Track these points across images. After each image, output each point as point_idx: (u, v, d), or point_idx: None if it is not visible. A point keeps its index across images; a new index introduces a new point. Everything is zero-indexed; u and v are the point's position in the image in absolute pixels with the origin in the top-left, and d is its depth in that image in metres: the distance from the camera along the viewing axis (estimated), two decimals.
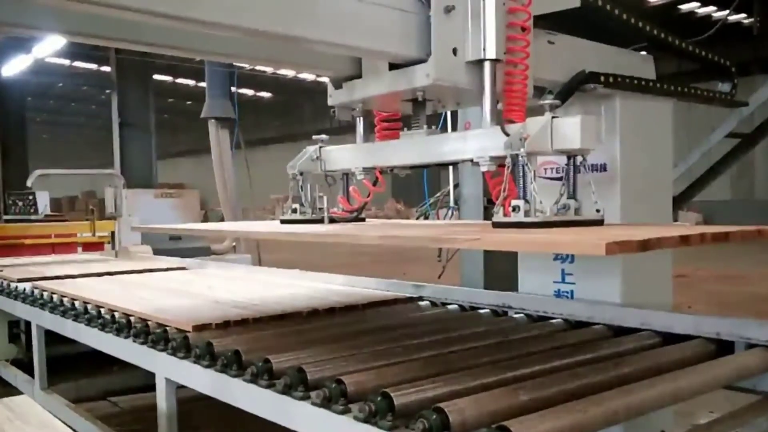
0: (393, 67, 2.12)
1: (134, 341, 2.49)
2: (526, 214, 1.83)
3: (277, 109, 35.74)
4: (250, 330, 2.44)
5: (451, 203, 6.14)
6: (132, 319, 2.64)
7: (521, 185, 1.87)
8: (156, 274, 4.29)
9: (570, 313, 2.47)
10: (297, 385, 1.74)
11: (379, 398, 1.51)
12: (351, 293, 3.19)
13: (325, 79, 2.45)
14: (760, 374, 1.92)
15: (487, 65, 2.03)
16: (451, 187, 6.14)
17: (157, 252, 5.81)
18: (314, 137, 2.65)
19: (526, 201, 1.85)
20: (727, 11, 14.87)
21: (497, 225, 1.89)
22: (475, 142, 2.08)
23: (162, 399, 2.33)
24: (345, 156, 2.56)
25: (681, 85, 2.76)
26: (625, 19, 2.60)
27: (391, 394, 1.50)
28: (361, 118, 2.49)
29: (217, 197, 9.04)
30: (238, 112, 8.89)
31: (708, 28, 5.81)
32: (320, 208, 2.53)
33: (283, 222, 2.60)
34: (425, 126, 2.28)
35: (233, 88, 9.08)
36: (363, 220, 2.65)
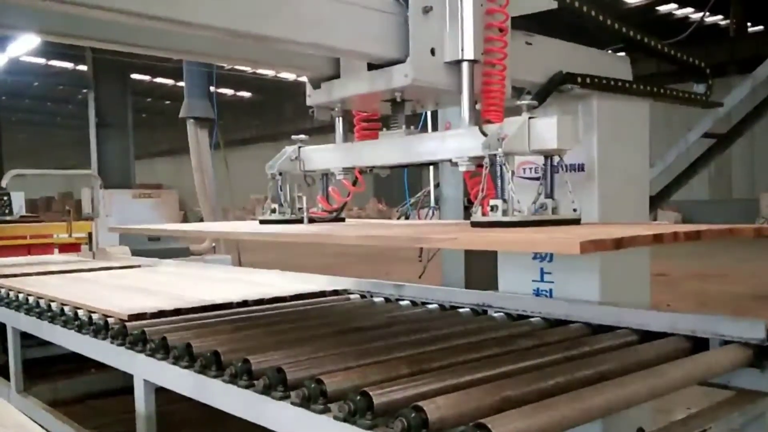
0: (372, 67, 2.12)
1: (112, 343, 2.47)
2: (504, 213, 1.84)
3: (257, 109, 35.59)
4: (181, 319, 2.62)
5: (432, 203, 6.16)
6: (66, 308, 2.88)
7: (499, 185, 1.88)
8: (110, 271, 4.46)
9: (548, 312, 2.49)
10: (276, 385, 1.73)
11: (358, 397, 1.51)
12: (290, 289, 3.28)
13: (305, 79, 2.45)
14: (734, 370, 1.96)
15: (465, 66, 2.04)
16: (431, 187, 6.16)
17: (135, 253, 5.75)
18: (293, 137, 2.64)
19: (504, 200, 1.86)
20: (704, 12, 15.07)
21: (476, 224, 1.90)
22: (454, 143, 2.09)
23: (141, 401, 2.31)
24: (324, 156, 2.56)
25: (657, 85, 2.80)
26: (602, 20, 2.62)
27: (370, 393, 1.51)
28: (340, 118, 2.49)
29: (196, 198, 8.98)
30: (218, 111, 8.84)
31: (686, 29, 5.88)
32: (299, 209, 2.52)
33: (262, 222, 2.59)
34: (404, 126, 2.28)
35: (212, 88, 9.03)
36: (343, 220, 2.64)
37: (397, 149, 2.30)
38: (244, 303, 2.94)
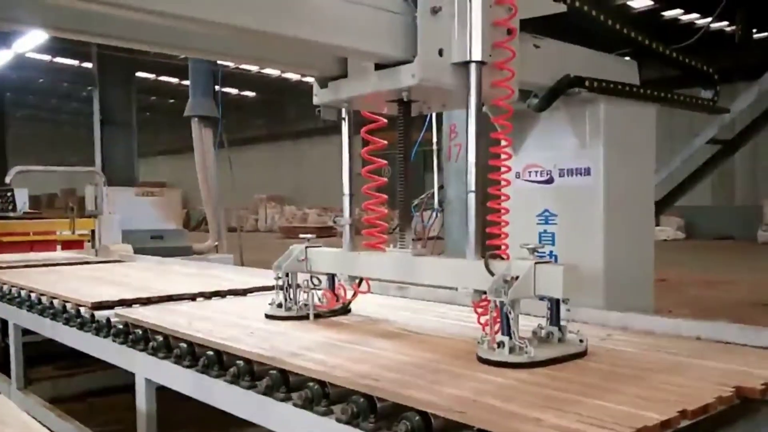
0: (379, 67, 2.11)
1: (114, 341, 2.46)
2: (511, 350, 1.78)
3: (261, 109, 35.58)
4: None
5: (436, 205, 6.16)
6: (42, 297, 3.15)
7: (505, 325, 1.80)
8: (90, 265, 4.75)
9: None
10: (278, 386, 1.73)
11: (361, 400, 1.50)
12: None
13: (310, 79, 2.44)
14: None
15: (472, 67, 2.02)
16: (435, 189, 6.16)
17: (138, 251, 5.75)
18: (301, 235, 2.61)
19: (511, 338, 1.80)
20: (710, 18, 15.03)
21: (482, 360, 1.85)
22: (459, 274, 2.04)
23: (141, 399, 2.31)
24: (331, 260, 2.53)
25: (664, 90, 2.78)
26: (610, 24, 2.61)
27: (373, 396, 1.50)
28: (346, 121, 2.47)
29: (199, 196, 8.99)
30: (222, 110, 8.84)
31: (691, 35, 5.87)
32: (305, 305, 2.49)
33: (267, 317, 2.54)
34: (411, 245, 2.27)
35: (217, 87, 9.03)
36: (349, 311, 2.61)
37: (403, 269, 2.25)
38: (201, 294, 3.12)
